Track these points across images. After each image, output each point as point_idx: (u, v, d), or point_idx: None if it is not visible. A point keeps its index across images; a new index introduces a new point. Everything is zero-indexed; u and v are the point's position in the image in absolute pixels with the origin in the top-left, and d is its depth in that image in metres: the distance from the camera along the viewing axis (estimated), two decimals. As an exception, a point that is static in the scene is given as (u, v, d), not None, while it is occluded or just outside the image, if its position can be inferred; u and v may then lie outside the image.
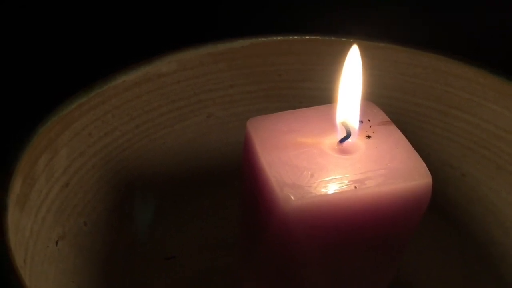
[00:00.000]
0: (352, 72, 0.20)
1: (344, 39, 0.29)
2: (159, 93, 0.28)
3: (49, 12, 0.36)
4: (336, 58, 0.30)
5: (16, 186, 0.20)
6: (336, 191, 0.17)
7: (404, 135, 0.20)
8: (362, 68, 0.21)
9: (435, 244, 0.29)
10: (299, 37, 0.30)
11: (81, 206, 0.25)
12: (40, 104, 0.24)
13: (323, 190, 0.17)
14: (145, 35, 0.37)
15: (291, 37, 0.29)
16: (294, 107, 0.31)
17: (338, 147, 0.19)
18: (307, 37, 0.30)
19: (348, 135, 0.19)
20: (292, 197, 0.17)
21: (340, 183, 0.17)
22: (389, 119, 0.20)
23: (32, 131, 0.22)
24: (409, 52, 0.29)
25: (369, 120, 0.20)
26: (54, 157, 0.23)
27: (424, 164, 0.18)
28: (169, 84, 0.28)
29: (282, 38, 0.29)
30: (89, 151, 0.26)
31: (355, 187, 0.17)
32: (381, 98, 0.26)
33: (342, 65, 0.30)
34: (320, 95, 0.31)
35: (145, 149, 0.28)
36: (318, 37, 0.30)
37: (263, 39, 0.29)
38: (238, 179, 0.29)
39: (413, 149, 0.19)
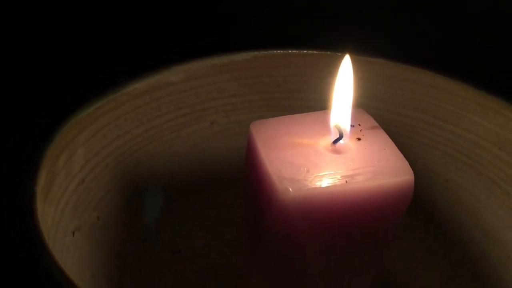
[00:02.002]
0: (344, 81, 0.22)
1: (339, 54, 0.31)
2: (167, 100, 0.30)
3: (72, 22, 0.38)
4: (331, 71, 0.32)
5: (41, 179, 0.22)
6: (329, 185, 0.19)
7: (393, 142, 0.22)
8: (355, 80, 0.23)
9: (421, 246, 0.31)
10: (297, 51, 0.32)
11: (95, 202, 0.27)
12: (62, 108, 0.26)
13: (318, 184, 0.19)
14: (155, 47, 0.39)
15: (290, 51, 0.32)
16: None
17: (332, 147, 0.21)
18: (305, 51, 0.32)
19: (340, 137, 0.21)
20: (290, 189, 0.19)
21: (332, 178, 0.20)
22: (377, 124, 0.22)
23: (54, 131, 0.24)
24: (399, 67, 0.31)
25: (359, 125, 0.22)
26: (72, 155, 0.25)
27: (407, 163, 0.20)
28: (176, 92, 0.30)
29: (281, 51, 0.31)
30: (103, 152, 0.27)
31: (346, 182, 0.19)
32: (372, 109, 0.28)
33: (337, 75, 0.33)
34: (316, 106, 0.32)
35: (153, 152, 0.29)
36: (315, 51, 0.32)
37: (264, 52, 0.31)
38: (239, 182, 0.31)
39: (398, 150, 0.21)
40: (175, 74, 0.30)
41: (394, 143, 0.22)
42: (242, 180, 0.24)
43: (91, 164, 0.27)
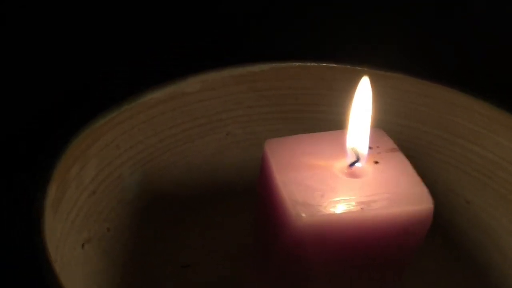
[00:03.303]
0: (362, 101, 0.21)
1: (359, 68, 0.31)
2: (183, 110, 0.29)
3: (87, 32, 0.38)
4: (350, 85, 0.31)
5: (52, 191, 0.22)
6: (343, 211, 0.19)
7: (412, 161, 0.21)
8: (374, 95, 0.22)
9: (439, 267, 0.30)
10: (316, 64, 0.31)
11: (105, 213, 0.26)
12: (74, 118, 0.25)
13: (332, 210, 0.19)
14: (172, 57, 0.38)
15: (308, 64, 0.31)
16: (309, 129, 0.32)
17: (348, 170, 0.20)
18: (324, 64, 0.31)
19: (357, 160, 0.20)
20: (303, 215, 0.19)
21: (348, 204, 0.19)
22: (396, 147, 0.22)
23: (67, 142, 0.24)
24: (420, 82, 0.30)
25: (378, 147, 0.21)
26: (84, 166, 0.25)
27: (426, 190, 0.20)
28: (192, 102, 0.29)
29: (300, 64, 0.31)
30: (115, 162, 0.27)
31: (362, 209, 0.19)
32: (391, 125, 0.28)
33: (355, 91, 0.32)
34: (334, 119, 0.32)
35: (166, 162, 0.29)
36: (333, 65, 0.31)
37: (282, 64, 0.31)
38: (252, 194, 0.30)
39: (417, 175, 0.20)
40: (191, 84, 0.29)
41: (413, 161, 0.21)
42: (255, 197, 0.24)
43: (103, 174, 0.26)
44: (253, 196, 0.30)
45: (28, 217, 0.19)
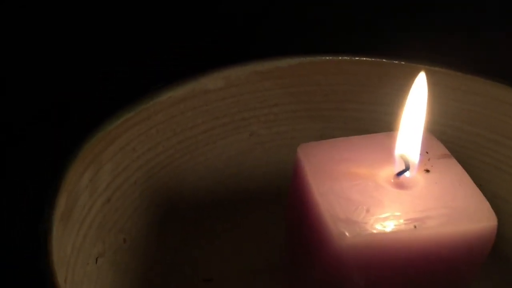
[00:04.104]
0: (417, 101, 0.19)
1: (396, 62, 0.28)
2: (204, 109, 0.27)
3: (100, 27, 0.37)
4: (384, 80, 0.29)
5: (61, 202, 0.20)
6: (393, 230, 0.16)
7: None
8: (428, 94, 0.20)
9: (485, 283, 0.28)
10: (348, 58, 0.29)
11: (121, 222, 0.25)
12: (86, 118, 0.23)
13: (380, 228, 0.16)
14: (193, 52, 0.37)
15: (340, 57, 0.29)
16: (339, 128, 0.30)
17: (395, 180, 0.18)
18: (356, 58, 0.29)
19: (406, 169, 0.18)
20: (347, 234, 0.16)
21: (398, 221, 0.16)
22: (448, 152, 0.19)
23: (78, 146, 0.22)
24: (464, 77, 0.28)
25: (427, 153, 0.19)
26: (98, 172, 0.23)
27: (488, 204, 0.17)
28: (214, 100, 0.28)
29: (330, 58, 0.29)
30: (132, 166, 0.25)
31: (415, 227, 0.16)
32: (434, 125, 0.25)
33: (390, 87, 0.29)
34: (366, 117, 0.30)
35: (186, 165, 0.27)
36: (367, 58, 0.29)
37: (311, 58, 0.29)
38: (280, 201, 0.28)
39: (475, 186, 0.18)
40: (213, 81, 0.27)
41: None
42: (285, 204, 0.21)
43: (119, 180, 0.25)
44: (281, 204, 0.28)
45: (33, 235, 0.17)
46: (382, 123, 0.30)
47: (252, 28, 0.39)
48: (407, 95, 0.29)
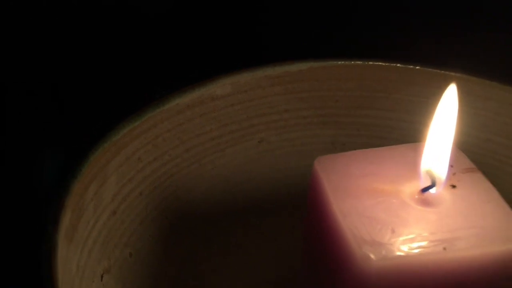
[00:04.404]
0: (447, 112, 0.18)
1: (411, 66, 0.27)
2: (212, 116, 0.27)
3: (105, 31, 0.36)
4: (399, 86, 0.28)
5: (66, 219, 0.19)
6: (421, 252, 0.15)
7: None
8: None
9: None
10: (361, 62, 0.28)
11: (127, 235, 0.24)
12: (88, 127, 0.22)
13: (407, 250, 0.15)
14: (200, 57, 0.36)
15: (352, 62, 0.28)
16: (351, 135, 0.30)
17: (419, 196, 0.17)
18: (370, 63, 0.28)
19: (433, 185, 0.17)
20: (372, 257, 0.15)
21: (426, 242, 0.15)
22: (474, 166, 0.18)
23: (83, 159, 0.21)
24: (482, 83, 0.27)
25: (452, 166, 0.18)
26: (103, 184, 0.22)
27: (520, 223, 0.16)
28: (222, 107, 0.27)
29: (342, 62, 0.28)
30: (137, 177, 0.24)
31: (444, 248, 0.15)
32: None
33: (405, 93, 0.28)
34: (380, 124, 0.29)
35: (193, 174, 0.27)
36: (381, 63, 0.28)
37: (322, 62, 0.28)
38: (291, 210, 0.28)
39: (505, 203, 0.17)
40: (221, 87, 0.26)
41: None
42: (304, 224, 0.20)
43: (124, 192, 0.24)
44: (292, 213, 0.27)
45: (36, 255, 0.16)
46: (396, 130, 0.29)
47: (260, 33, 0.38)
48: (423, 101, 0.28)
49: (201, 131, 0.26)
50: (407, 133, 0.28)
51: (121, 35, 0.36)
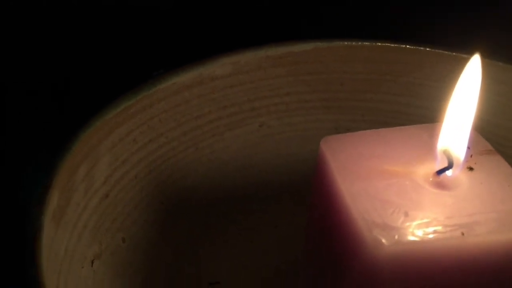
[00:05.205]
0: (468, 89, 0.17)
1: (421, 48, 0.26)
2: (210, 97, 0.26)
3: (99, 11, 0.35)
4: (408, 69, 0.27)
5: (53, 199, 0.18)
6: (437, 237, 0.14)
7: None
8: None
9: None
10: (368, 43, 0.27)
11: (120, 220, 0.23)
12: (81, 106, 0.21)
13: (422, 235, 0.14)
14: (199, 35, 0.34)
15: (359, 43, 0.27)
16: (355, 120, 0.28)
17: (434, 179, 0.16)
18: (378, 44, 0.27)
19: (449, 166, 0.15)
20: (384, 241, 0.14)
21: (442, 227, 0.14)
22: (492, 148, 0.17)
23: (73, 136, 0.20)
24: (493, 64, 0.26)
25: (468, 148, 0.17)
26: (95, 165, 0.21)
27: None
28: (221, 88, 0.26)
29: (349, 43, 0.27)
30: (132, 159, 0.24)
31: (462, 234, 0.14)
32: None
33: (413, 76, 0.27)
34: (386, 109, 0.28)
35: (191, 158, 0.26)
36: (389, 44, 0.27)
37: (327, 43, 0.27)
38: (292, 198, 0.27)
39: (526, 187, 0.16)
40: (221, 66, 0.25)
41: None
42: (308, 207, 0.19)
43: (117, 174, 0.23)
44: (293, 199, 0.26)
45: (21, 236, 0.15)
46: (403, 115, 0.28)
47: (263, 11, 0.37)
48: (433, 85, 0.27)
49: (199, 113, 0.26)
50: (414, 118, 0.27)
51: (120, 12, 0.35)
